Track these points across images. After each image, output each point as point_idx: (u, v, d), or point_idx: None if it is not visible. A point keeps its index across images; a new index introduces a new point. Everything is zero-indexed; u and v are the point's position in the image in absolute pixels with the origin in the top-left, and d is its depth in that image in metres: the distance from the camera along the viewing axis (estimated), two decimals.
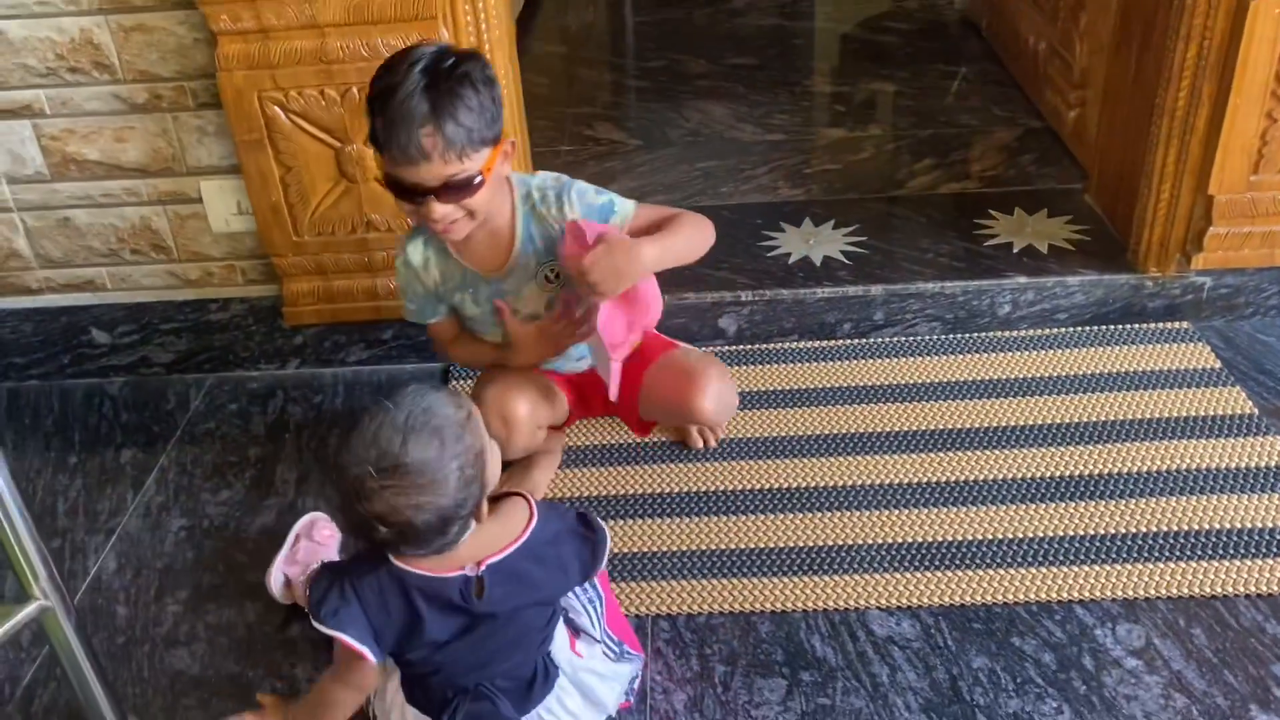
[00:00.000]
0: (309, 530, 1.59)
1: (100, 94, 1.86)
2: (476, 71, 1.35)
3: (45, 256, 2.03)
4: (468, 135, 1.34)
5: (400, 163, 1.35)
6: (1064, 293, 1.97)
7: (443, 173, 1.35)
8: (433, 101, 1.31)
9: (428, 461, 1.07)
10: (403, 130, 1.31)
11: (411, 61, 1.33)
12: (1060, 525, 1.57)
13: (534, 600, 1.20)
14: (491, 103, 1.36)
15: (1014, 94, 2.71)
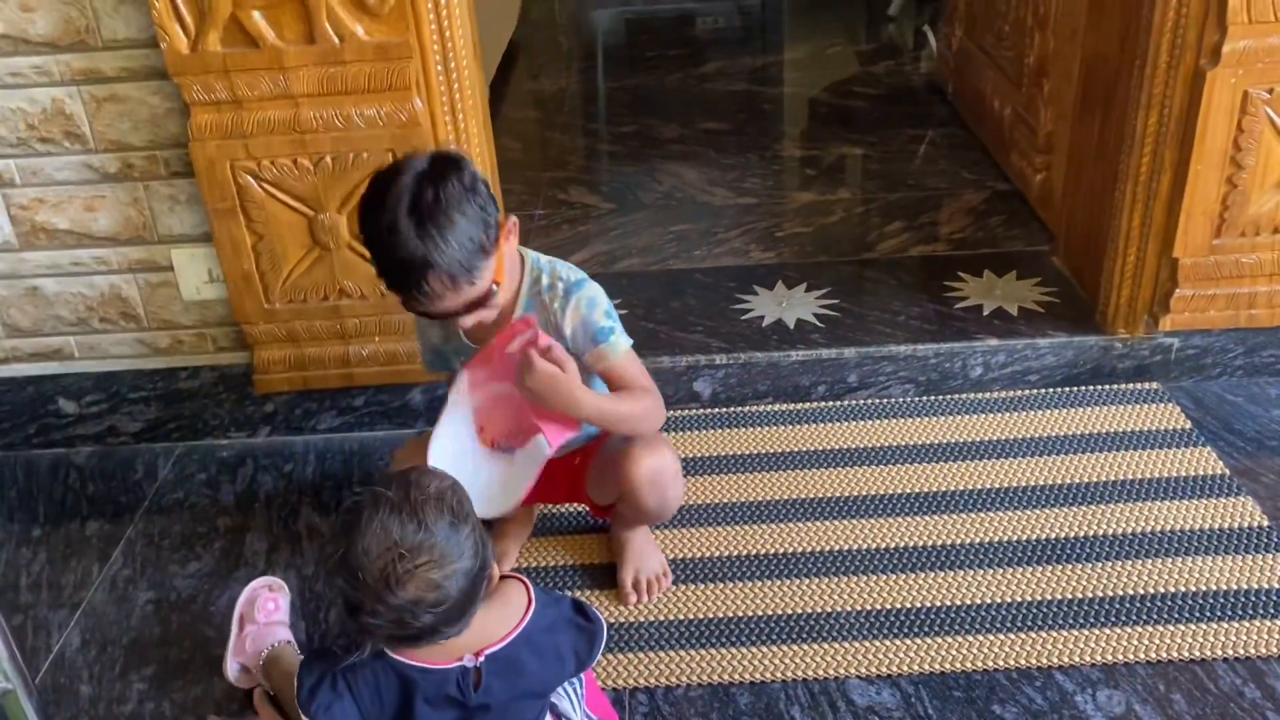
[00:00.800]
0: (251, 610, 1.55)
1: (71, 163, 1.85)
2: (457, 189, 1.32)
3: (13, 325, 2.00)
4: (470, 258, 1.32)
5: (411, 299, 1.36)
6: (1034, 354, 1.99)
7: (459, 302, 1.36)
8: (429, 247, 1.29)
9: (447, 531, 1.07)
10: (412, 280, 1.32)
11: (396, 198, 1.30)
12: (1037, 589, 1.56)
13: (529, 692, 1.18)
14: (481, 210, 1.34)
15: (981, 157, 2.76)
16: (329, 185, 1.78)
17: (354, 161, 1.76)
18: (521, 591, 1.20)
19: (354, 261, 1.85)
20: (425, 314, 1.40)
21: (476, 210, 1.33)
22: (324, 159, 1.76)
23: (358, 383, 1.97)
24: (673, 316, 2.14)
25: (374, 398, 2.01)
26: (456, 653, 1.13)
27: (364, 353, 1.93)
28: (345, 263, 1.84)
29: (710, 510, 1.77)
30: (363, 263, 1.85)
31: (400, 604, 1.05)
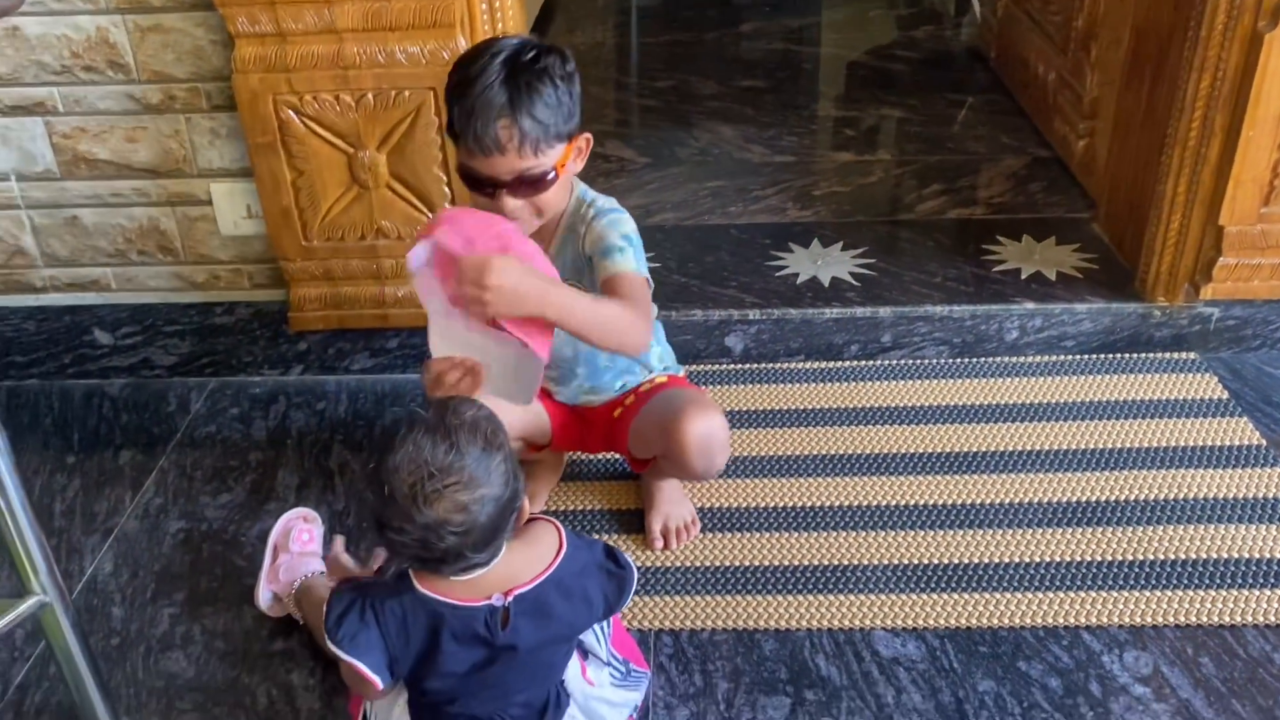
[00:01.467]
0: (285, 539, 1.56)
1: (113, 93, 1.86)
2: (556, 66, 1.33)
3: (51, 255, 2.02)
4: (544, 130, 1.31)
5: (476, 154, 1.33)
6: (1071, 320, 1.97)
7: (517, 166, 1.33)
8: (511, 94, 1.29)
9: (479, 456, 1.07)
10: (480, 121, 1.30)
11: (493, 53, 1.32)
12: (1067, 551, 1.56)
13: (556, 635, 1.18)
14: (569, 98, 1.34)
15: (1022, 123, 2.73)
16: (370, 122, 1.77)
17: (395, 99, 1.75)
18: (553, 533, 1.20)
19: (392, 201, 1.84)
20: (470, 179, 1.36)
21: (566, 95, 1.33)
22: (366, 95, 1.75)
23: (392, 324, 1.97)
24: (706, 271, 2.13)
25: (407, 340, 2.01)
26: (486, 591, 1.13)
27: (399, 294, 1.93)
28: (384, 202, 1.84)
29: (740, 463, 1.77)
30: (401, 202, 1.85)
31: (426, 523, 1.05)
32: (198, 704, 1.42)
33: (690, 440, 1.45)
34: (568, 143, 1.37)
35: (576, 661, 1.25)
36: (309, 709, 1.39)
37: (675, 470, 1.55)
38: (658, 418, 1.53)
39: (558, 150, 1.35)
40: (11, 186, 1.95)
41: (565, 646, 1.22)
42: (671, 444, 1.47)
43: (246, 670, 1.46)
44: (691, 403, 1.49)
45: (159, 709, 1.41)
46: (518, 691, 1.18)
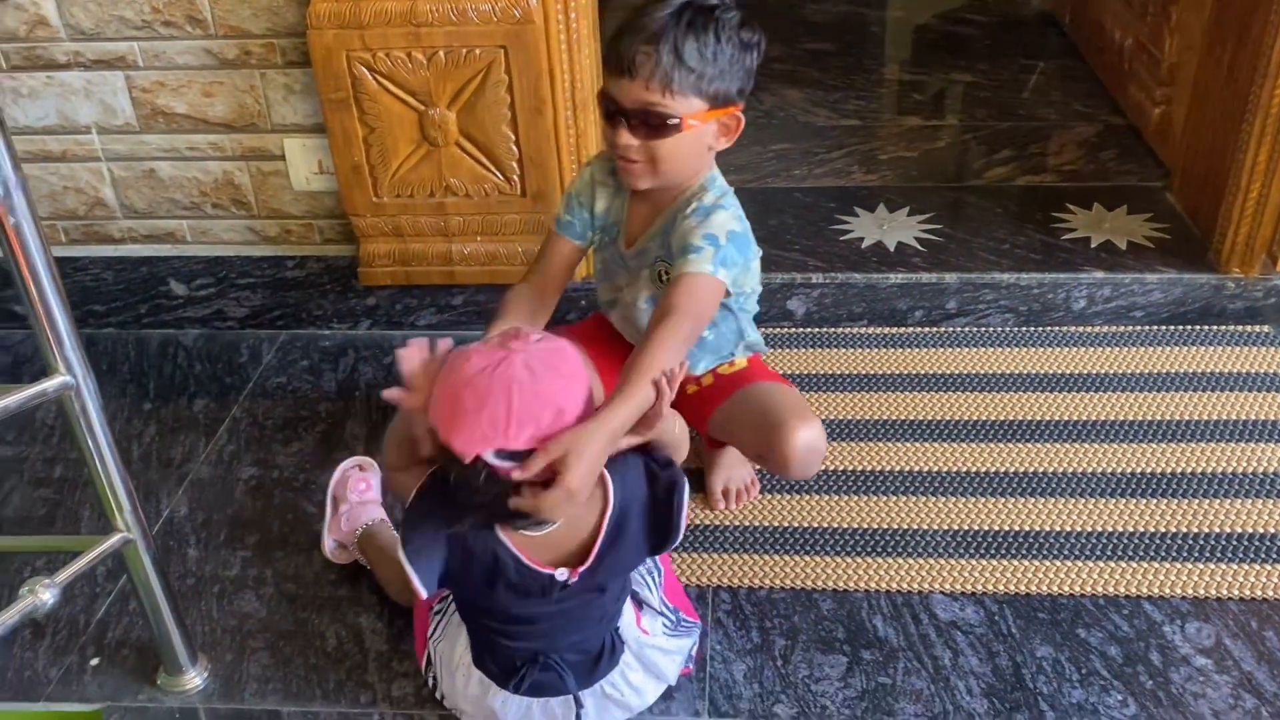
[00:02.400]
0: (344, 490, 1.60)
1: (192, 48, 1.89)
2: (733, 24, 1.28)
3: (130, 207, 2.07)
4: (684, 72, 1.25)
5: (612, 72, 1.30)
6: (1141, 290, 1.94)
7: (643, 98, 1.27)
8: (668, 26, 1.25)
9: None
10: (627, 38, 1.27)
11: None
12: (1130, 521, 1.55)
13: (607, 581, 1.20)
14: (730, 60, 1.27)
15: (1095, 89, 2.67)
16: (440, 80, 1.79)
17: (466, 57, 1.77)
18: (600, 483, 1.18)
19: (460, 159, 1.86)
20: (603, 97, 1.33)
21: (726, 55, 1.27)
22: (437, 53, 1.77)
23: (458, 281, 2.00)
24: (770, 234, 2.12)
25: (472, 297, 2.04)
26: (552, 552, 1.15)
27: (465, 251, 1.96)
28: (453, 159, 1.86)
29: None
30: (469, 160, 1.87)
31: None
32: (269, 643, 1.46)
33: (795, 452, 1.41)
34: (711, 106, 1.30)
35: (631, 611, 1.27)
36: (376, 650, 1.43)
37: (768, 467, 1.52)
38: (756, 420, 1.47)
39: (694, 103, 1.28)
40: (93, 139, 2.00)
41: (617, 587, 1.24)
42: (774, 453, 1.42)
43: (316, 612, 1.50)
44: (792, 412, 1.43)
45: (232, 646, 1.46)
46: (569, 636, 1.21)
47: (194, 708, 1.38)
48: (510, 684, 1.22)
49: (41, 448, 1.87)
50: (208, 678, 1.41)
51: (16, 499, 1.76)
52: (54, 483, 1.79)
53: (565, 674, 1.21)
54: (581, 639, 1.22)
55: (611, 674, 1.25)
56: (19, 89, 1.95)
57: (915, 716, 1.30)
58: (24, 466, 1.82)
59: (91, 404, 1.18)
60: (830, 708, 1.32)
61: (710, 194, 1.40)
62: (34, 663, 1.46)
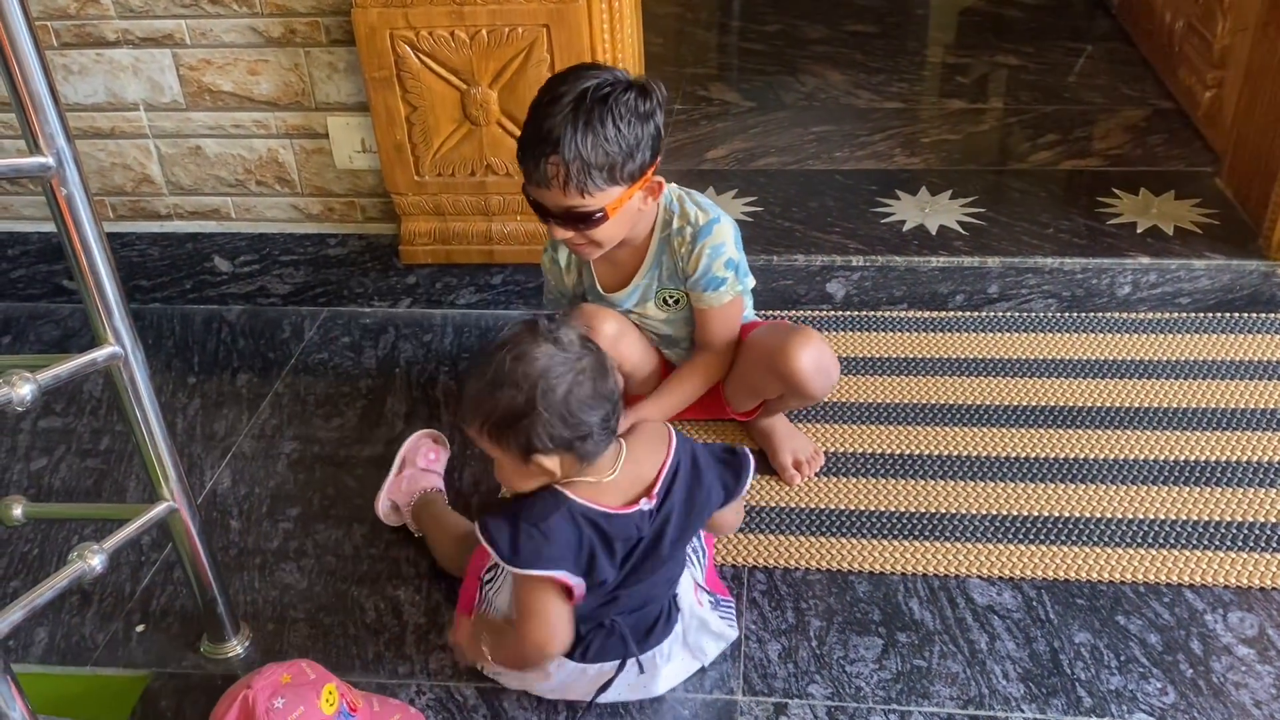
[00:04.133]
0: (414, 455, 1.63)
1: (238, 26, 1.91)
2: (630, 103, 1.31)
3: (176, 183, 2.09)
4: (593, 172, 1.30)
5: (526, 177, 1.36)
6: (1188, 276, 1.92)
7: (563, 203, 1.34)
8: (566, 131, 1.28)
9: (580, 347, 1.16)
10: (532, 153, 1.31)
11: (573, 80, 1.32)
12: (1173, 509, 1.53)
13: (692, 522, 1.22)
14: (635, 139, 1.32)
15: (1143, 73, 2.63)
16: (483, 59, 1.79)
17: (508, 36, 1.77)
18: (659, 427, 1.26)
19: (502, 138, 1.87)
20: (533, 202, 1.40)
21: (632, 136, 1.31)
22: (480, 32, 1.77)
23: (498, 260, 2.01)
24: (810, 216, 2.11)
25: (511, 276, 2.05)
26: (627, 495, 1.18)
27: (505, 230, 1.96)
28: (494, 139, 1.87)
29: (837, 409, 1.77)
30: (510, 140, 1.87)
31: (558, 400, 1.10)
32: (309, 613, 1.48)
33: (805, 369, 1.47)
34: (629, 185, 1.35)
35: (690, 582, 1.29)
36: (415, 623, 1.45)
37: (796, 399, 1.56)
38: (760, 360, 1.55)
39: (613, 191, 1.34)
40: (140, 116, 2.03)
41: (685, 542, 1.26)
42: (788, 376, 1.48)
43: (355, 585, 1.52)
44: (787, 334, 1.51)
45: (273, 616, 1.48)
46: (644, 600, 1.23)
47: (236, 675, 1.40)
48: (575, 653, 1.24)
49: (89, 420, 1.90)
50: (249, 646, 1.44)
51: (64, 470, 1.79)
52: (100, 454, 1.82)
53: (629, 640, 1.24)
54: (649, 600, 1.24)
55: (664, 642, 1.27)
56: (69, 66, 1.98)
57: (951, 700, 1.30)
58: (71, 439, 1.86)
59: (139, 374, 1.20)
60: (865, 689, 1.32)
61: (688, 210, 1.48)
62: (81, 628, 1.49)
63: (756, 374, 1.57)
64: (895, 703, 1.30)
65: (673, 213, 1.50)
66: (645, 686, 1.29)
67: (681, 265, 1.49)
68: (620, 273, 1.56)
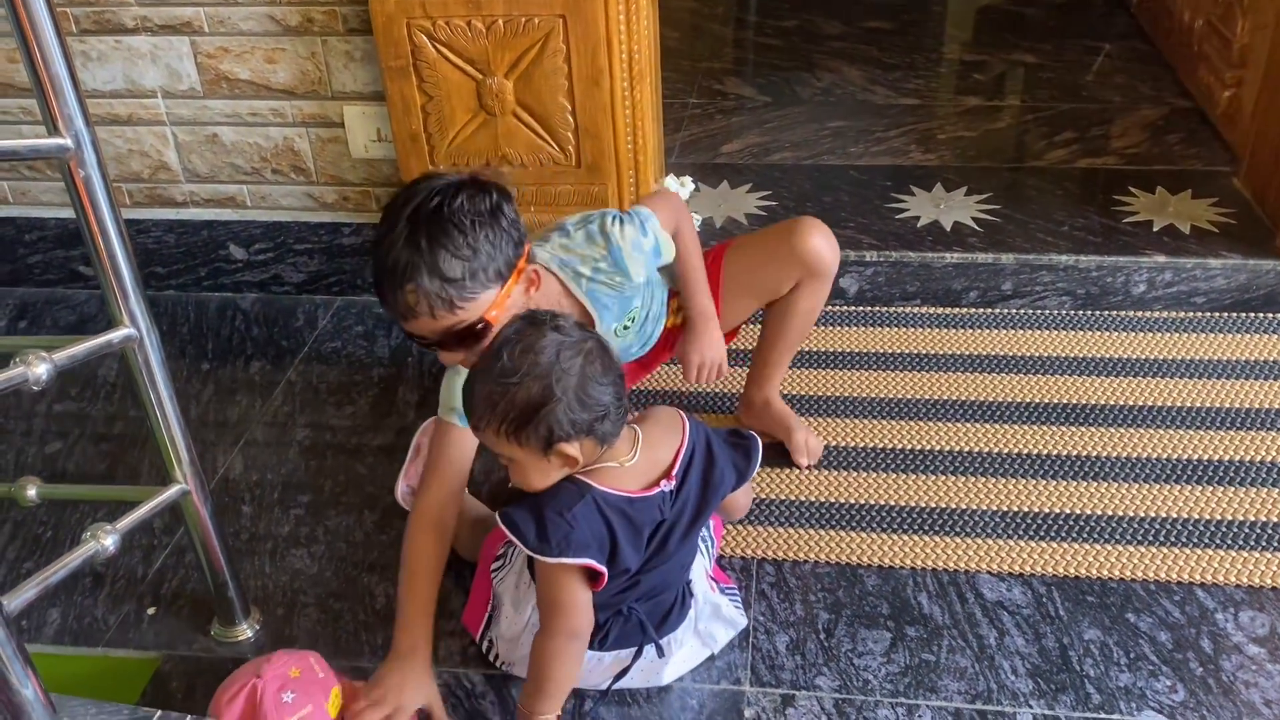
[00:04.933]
0: (428, 439, 1.63)
1: (256, 14, 1.92)
2: (466, 207, 1.20)
3: (192, 171, 2.10)
4: (454, 287, 1.19)
5: (399, 320, 1.24)
6: (1204, 275, 1.91)
7: (437, 327, 1.22)
8: (411, 256, 1.18)
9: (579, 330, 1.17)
10: (387, 288, 1.21)
11: (405, 200, 1.22)
12: (1184, 508, 1.52)
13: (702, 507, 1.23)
14: (490, 239, 1.21)
15: (1161, 72, 2.62)
16: (499, 49, 1.80)
17: (525, 26, 1.77)
18: (671, 411, 1.26)
19: (517, 129, 1.87)
20: (413, 337, 1.27)
21: (484, 240, 1.20)
22: (496, 22, 1.77)
23: None
24: (823, 211, 2.11)
25: None
26: (647, 478, 1.19)
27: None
28: (509, 129, 1.87)
29: (850, 403, 1.76)
30: (525, 130, 1.88)
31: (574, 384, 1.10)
32: (319, 599, 1.49)
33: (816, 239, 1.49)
34: (501, 283, 1.23)
35: (701, 567, 1.30)
36: None
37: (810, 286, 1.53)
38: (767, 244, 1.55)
39: (485, 297, 1.22)
40: (158, 103, 2.03)
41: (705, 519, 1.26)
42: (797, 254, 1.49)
43: (365, 571, 1.53)
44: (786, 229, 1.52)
45: (284, 601, 1.49)
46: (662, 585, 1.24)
47: (246, 659, 1.41)
48: (595, 641, 1.24)
49: (103, 404, 1.91)
50: (259, 630, 1.45)
51: (78, 453, 1.80)
52: (114, 439, 1.83)
53: (648, 625, 1.25)
54: (666, 586, 1.25)
55: (678, 629, 1.28)
56: (88, 53, 1.99)
57: (959, 694, 1.30)
58: (85, 423, 1.87)
59: (154, 356, 1.20)
60: (873, 681, 1.32)
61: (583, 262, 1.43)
62: (93, 610, 1.50)
63: (768, 270, 1.53)
64: (903, 696, 1.30)
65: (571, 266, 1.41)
66: (656, 673, 1.29)
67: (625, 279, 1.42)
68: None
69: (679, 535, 1.21)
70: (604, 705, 1.31)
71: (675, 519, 1.20)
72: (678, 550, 1.23)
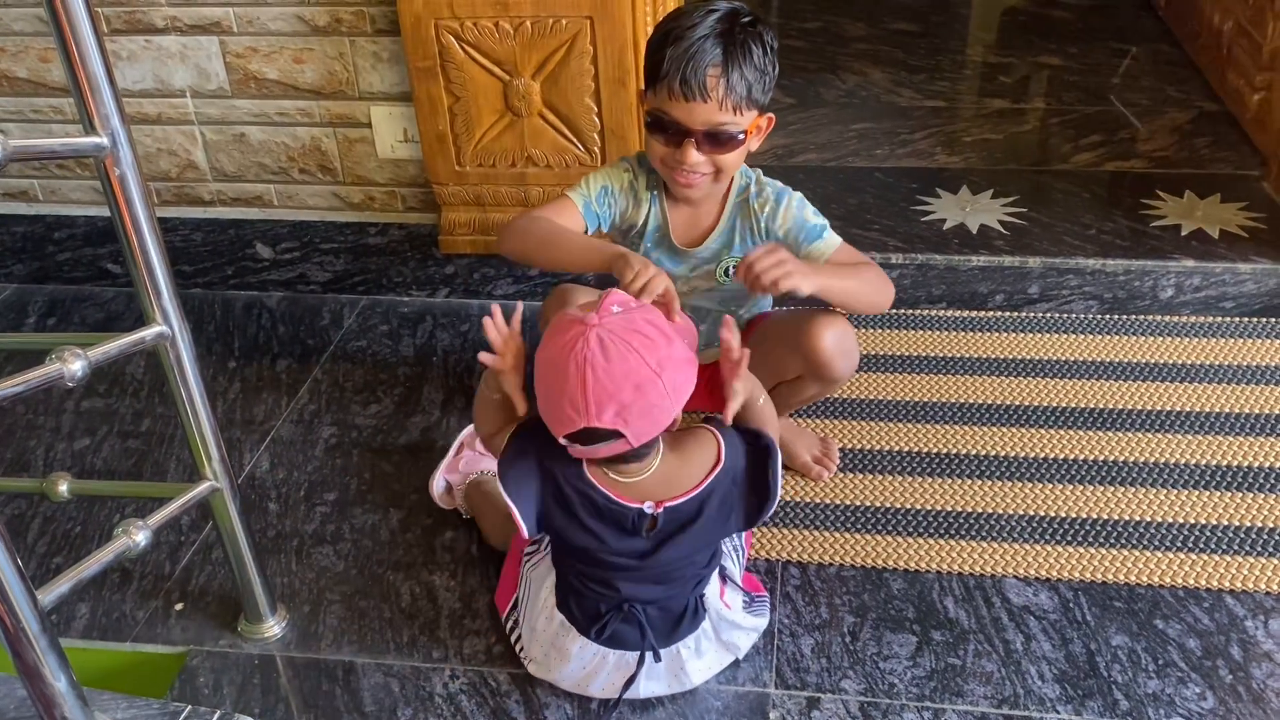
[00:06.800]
0: (473, 440, 1.65)
1: (284, 14, 1.93)
2: (768, 36, 1.36)
3: (220, 170, 2.12)
4: (747, 89, 1.34)
5: (678, 98, 1.34)
6: (1233, 280, 1.89)
7: (713, 118, 1.34)
8: (726, 47, 1.32)
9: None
10: (690, 65, 1.31)
11: (709, 9, 1.35)
12: (1213, 514, 1.51)
13: (695, 546, 1.21)
14: (772, 69, 1.37)
15: (1190, 75, 2.60)
16: (526, 50, 1.80)
17: (552, 28, 1.78)
18: (712, 445, 1.21)
19: (543, 129, 1.88)
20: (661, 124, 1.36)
21: (769, 66, 1.36)
22: (524, 23, 1.78)
23: None
24: (849, 213, 2.11)
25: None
26: (642, 497, 1.18)
27: None
28: (535, 130, 1.88)
29: (875, 405, 1.76)
30: (551, 131, 1.88)
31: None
32: (345, 596, 1.50)
33: (828, 346, 1.45)
34: (760, 112, 1.39)
35: (717, 584, 1.28)
36: (450, 608, 1.46)
37: (814, 382, 1.52)
38: (784, 336, 1.51)
39: (751, 115, 1.38)
40: (186, 103, 2.05)
41: (706, 553, 1.25)
42: (811, 354, 1.46)
43: (391, 569, 1.53)
44: (813, 314, 1.48)
45: (309, 598, 1.50)
46: (657, 587, 1.23)
47: (272, 655, 1.42)
48: (592, 630, 1.24)
49: (130, 401, 1.93)
50: (286, 627, 1.45)
51: (106, 450, 1.82)
52: (141, 435, 1.85)
53: (646, 629, 1.23)
54: (669, 597, 1.24)
55: (689, 638, 1.27)
56: (118, 52, 2.00)
57: (984, 699, 1.29)
58: (114, 420, 1.89)
59: (186, 354, 1.21)
60: (898, 685, 1.31)
61: (764, 184, 1.50)
62: (121, 605, 1.51)
63: (778, 352, 1.52)
64: (929, 700, 1.29)
65: (751, 177, 1.51)
66: (679, 680, 1.29)
67: (767, 224, 1.48)
68: (696, 228, 1.53)
69: (665, 555, 1.20)
70: (629, 707, 1.31)
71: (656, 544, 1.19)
72: (681, 567, 1.21)
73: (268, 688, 1.38)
